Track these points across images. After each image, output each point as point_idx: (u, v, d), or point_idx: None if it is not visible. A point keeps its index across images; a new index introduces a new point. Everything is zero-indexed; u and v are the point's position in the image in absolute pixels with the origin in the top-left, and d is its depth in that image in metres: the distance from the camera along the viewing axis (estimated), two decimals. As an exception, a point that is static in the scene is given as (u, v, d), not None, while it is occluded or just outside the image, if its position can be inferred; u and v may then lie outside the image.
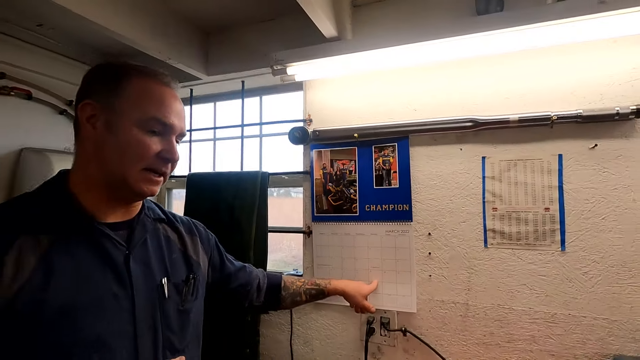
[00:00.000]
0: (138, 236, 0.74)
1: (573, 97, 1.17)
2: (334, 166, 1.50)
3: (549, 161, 1.21)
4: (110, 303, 0.65)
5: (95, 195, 0.69)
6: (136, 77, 0.70)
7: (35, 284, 0.58)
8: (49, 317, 0.58)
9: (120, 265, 0.68)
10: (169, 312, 0.74)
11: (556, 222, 1.19)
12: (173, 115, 0.71)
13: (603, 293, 1.13)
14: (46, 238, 0.62)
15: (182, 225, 0.88)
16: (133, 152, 0.67)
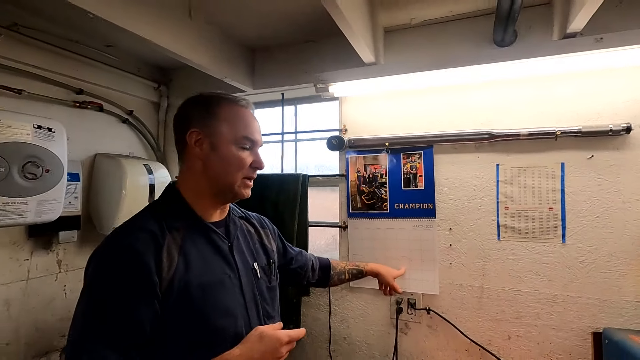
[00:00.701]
0: (233, 231, 0.94)
1: (574, 116, 1.40)
2: (367, 170, 1.74)
3: (553, 168, 1.44)
4: (227, 282, 0.85)
5: (203, 202, 0.88)
6: (224, 104, 0.88)
7: (181, 270, 0.78)
8: (194, 292, 0.78)
9: (227, 254, 0.88)
10: (262, 289, 0.95)
11: (558, 220, 1.43)
12: (256, 132, 0.91)
13: (596, 278, 1.37)
14: (179, 235, 0.82)
15: (255, 220, 1.08)
16: (234, 166, 0.86)
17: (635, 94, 1.34)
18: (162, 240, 0.78)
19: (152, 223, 0.80)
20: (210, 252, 0.86)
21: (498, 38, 1.45)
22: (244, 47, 1.91)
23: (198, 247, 0.84)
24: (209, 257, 0.85)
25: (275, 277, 1.03)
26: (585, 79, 1.39)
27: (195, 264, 0.81)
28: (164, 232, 0.79)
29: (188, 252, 0.81)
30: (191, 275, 0.79)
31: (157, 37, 1.35)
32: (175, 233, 0.81)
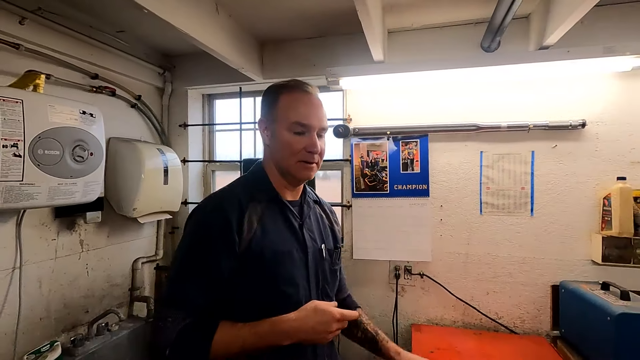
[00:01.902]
0: (305, 212, 1.00)
1: (543, 112, 1.72)
2: (369, 156, 1.96)
3: (525, 155, 1.76)
4: (296, 255, 0.92)
5: (277, 181, 0.97)
6: (284, 92, 0.94)
7: (259, 236, 0.87)
8: (267, 257, 0.87)
9: (297, 230, 0.95)
10: (325, 269, 0.99)
11: (528, 197, 1.76)
12: (309, 117, 0.91)
13: (556, 243, 1.72)
14: (260, 206, 0.91)
15: (327, 207, 1.13)
16: (287, 150, 0.91)
17: (590, 96, 1.67)
18: (245, 207, 0.88)
19: (240, 192, 0.92)
20: (284, 226, 0.94)
21: (485, 45, 1.72)
22: (255, 39, 2.03)
23: (275, 219, 0.93)
24: (283, 230, 0.93)
25: (338, 261, 1.08)
26: (553, 83, 1.71)
27: (270, 233, 0.90)
28: (247, 201, 0.90)
29: (266, 222, 0.90)
30: (266, 242, 0.88)
31: (191, 30, 1.45)
32: (257, 204, 0.91)
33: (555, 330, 1.68)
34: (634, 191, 1.56)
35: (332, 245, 1.05)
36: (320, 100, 0.96)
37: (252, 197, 0.92)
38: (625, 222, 1.56)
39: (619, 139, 1.65)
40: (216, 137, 2.52)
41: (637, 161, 1.63)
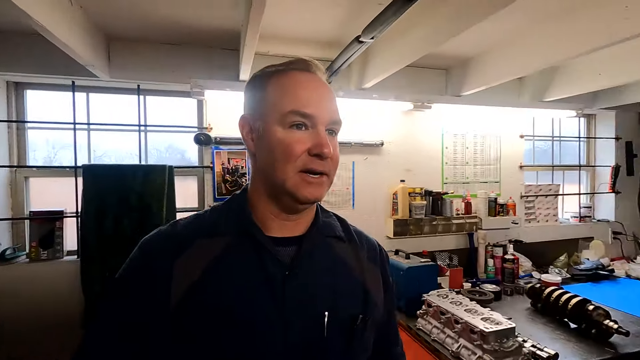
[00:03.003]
0: (300, 255, 0.64)
1: (360, 133, 2.38)
2: (230, 163, 2.14)
3: (349, 164, 2.38)
4: (261, 326, 0.59)
5: (263, 208, 0.66)
6: (275, 75, 0.65)
7: (201, 287, 0.58)
8: (203, 324, 0.57)
9: (278, 286, 0.61)
10: (328, 354, 0.63)
11: (350, 195, 2.39)
12: (313, 103, 0.61)
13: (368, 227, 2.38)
14: (219, 243, 0.62)
15: (364, 246, 0.76)
16: (280, 154, 0.60)
17: (387, 124, 2.44)
18: (185, 246, 0.61)
19: (191, 223, 0.66)
20: (253, 278, 0.61)
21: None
22: (104, 34, 1.83)
23: (239, 264, 0.61)
24: (250, 284, 0.60)
25: (364, 344, 0.68)
26: (367, 113, 2.39)
27: (222, 285, 0.59)
28: (194, 236, 0.63)
29: (220, 267, 0.61)
30: (210, 298, 0.58)
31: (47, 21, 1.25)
32: (214, 240, 0.63)
33: (368, 288, 2.39)
34: (409, 189, 2.42)
35: (350, 313, 0.66)
36: (325, 81, 0.68)
37: (212, 230, 0.64)
38: (404, 209, 2.40)
39: (401, 154, 2.50)
40: (28, 135, 2.05)
41: (409, 169, 2.51)
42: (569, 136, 3.18)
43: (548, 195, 2.93)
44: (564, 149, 3.18)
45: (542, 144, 3.10)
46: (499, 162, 2.76)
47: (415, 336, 1.74)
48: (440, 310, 1.67)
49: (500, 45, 2.05)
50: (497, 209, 2.60)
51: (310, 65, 0.66)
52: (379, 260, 0.77)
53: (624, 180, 3.11)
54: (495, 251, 2.48)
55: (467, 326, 1.49)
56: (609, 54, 2.06)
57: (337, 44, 2.01)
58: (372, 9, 1.56)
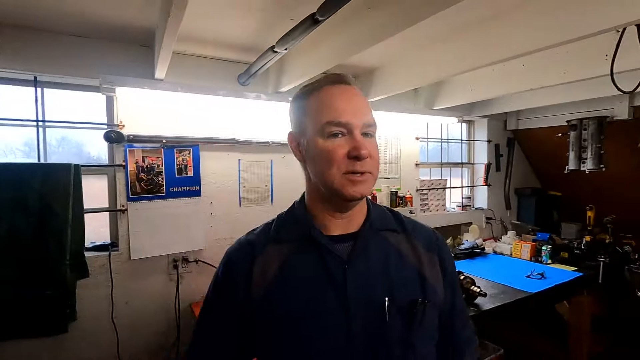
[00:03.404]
0: (356, 249, 0.72)
1: (278, 133, 2.53)
2: (145, 161, 2.10)
3: (267, 162, 2.51)
4: (324, 317, 0.67)
5: (319, 211, 0.74)
6: (313, 92, 0.72)
7: (274, 289, 0.69)
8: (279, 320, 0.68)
9: (339, 279, 0.68)
10: (391, 340, 0.68)
11: (269, 191, 2.53)
12: (347, 113, 0.68)
13: (285, 221, 2.59)
14: (285, 248, 0.72)
15: (421, 238, 0.80)
16: (325, 161, 0.68)
17: (301, 126, 2.63)
18: (257, 253, 0.73)
19: (260, 232, 0.79)
20: (316, 276, 0.70)
21: (241, 80, 2.31)
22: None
23: (305, 265, 0.71)
24: (312, 280, 0.70)
25: (421, 329, 0.72)
26: (283, 115, 2.54)
27: (292, 285, 0.70)
28: (264, 244, 0.74)
29: (289, 269, 0.71)
30: (282, 298, 0.69)
31: None
32: (281, 246, 0.73)
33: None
34: (323, 185, 2.65)
35: (409, 299, 0.71)
36: (359, 90, 0.75)
37: (278, 237, 0.75)
38: (319, 203, 2.63)
39: (315, 153, 2.71)
40: None
41: (323, 167, 2.75)
42: (454, 139, 3.79)
43: (438, 188, 3.47)
44: (450, 149, 3.77)
45: (433, 145, 3.63)
46: (400, 160, 3.18)
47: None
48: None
49: (399, 60, 2.38)
50: (397, 201, 3.00)
51: (341, 77, 0.73)
52: (436, 247, 0.80)
53: (494, 175, 3.83)
54: (396, 238, 2.86)
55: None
56: (479, 74, 2.56)
57: (254, 49, 2.12)
58: (285, 22, 1.72)
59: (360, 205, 0.77)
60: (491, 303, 2.03)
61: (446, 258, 0.80)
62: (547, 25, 1.52)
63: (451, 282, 0.80)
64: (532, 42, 1.58)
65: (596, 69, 1.84)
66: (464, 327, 0.83)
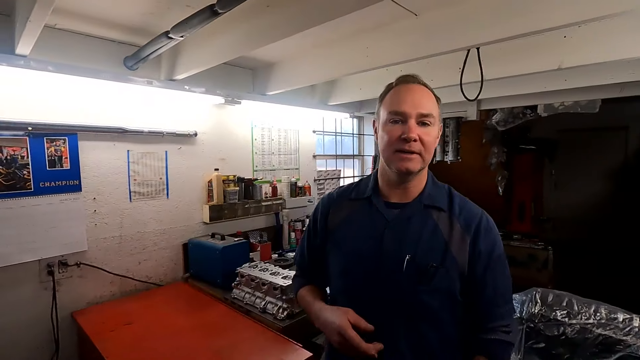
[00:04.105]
0: (401, 215, 0.97)
1: (173, 123, 2.39)
2: (3, 152, 1.77)
3: (161, 154, 2.37)
4: (366, 254, 0.97)
5: (382, 180, 1.04)
6: (389, 90, 1.00)
7: (339, 229, 1.06)
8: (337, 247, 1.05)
9: (379, 234, 0.96)
10: (402, 288, 0.91)
11: (164, 184, 2.39)
12: (405, 105, 0.92)
13: (184, 214, 2.49)
14: (351, 204, 1.07)
15: (462, 220, 0.95)
16: (384, 141, 0.95)
17: (200, 116, 2.54)
18: (332, 205, 1.11)
19: (341, 191, 1.14)
20: (366, 226, 1.01)
21: (129, 64, 2.12)
22: None
23: (361, 217, 1.03)
24: (364, 230, 1.01)
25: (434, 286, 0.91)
26: (181, 104, 2.42)
27: (350, 228, 1.04)
28: (338, 201, 1.11)
29: (350, 219, 1.05)
30: (342, 236, 1.05)
31: None
32: (348, 202, 1.08)
33: (187, 273, 2.47)
34: (223, 177, 2.62)
35: (428, 263, 0.90)
36: (424, 87, 0.96)
37: (350, 196, 1.10)
38: (219, 196, 2.59)
39: (214, 144, 2.66)
40: None
41: (223, 158, 2.72)
42: (347, 132, 4.14)
43: (333, 178, 3.76)
44: (343, 142, 4.11)
45: (329, 137, 3.90)
46: (298, 152, 3.34)
47: (231, 305, 2.00)
48: (251, 277, 1.98)
49: (297, 58, 2.50)
50: (297, 191, 3.16)
51: (409, 78, 0.98)
52: (474, 228, 0.95)
53: (380, 166, 4.32)
54: (296, 225, 3.03)
55: (271, 285, 1.86)
56: (366, 76, 2.86)
57: (145, 32, 1.96)
58: (180, 7, 1.66)
59: (418, 181, 1.00)
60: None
61: (482, 240, 0.94)
62: (417, 40, 1.81)
63: (486, 260, 0.93)
64: (405, 52, 1.87)
65: (452, 79, 2.26)
66: (497, 304, 0.94)
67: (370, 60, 2.02)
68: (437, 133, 0.97)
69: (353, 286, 0.99)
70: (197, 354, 1.54)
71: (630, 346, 1.40)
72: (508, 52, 2.15)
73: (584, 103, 3.14)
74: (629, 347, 1.40)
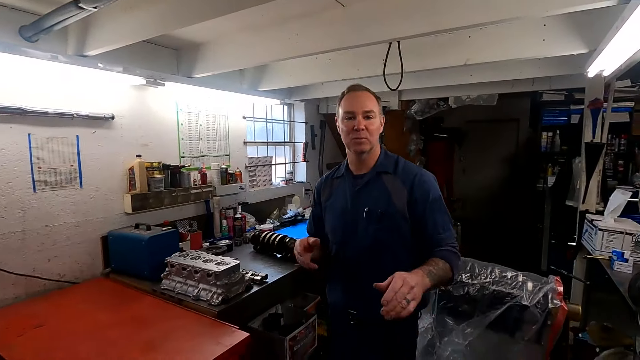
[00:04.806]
0: (361, 182, 1.41)
1: (85, 104, 2.16)
2: None
3: (72, 138, 2.13)
4: (343, 211, 1.45)
5: (350, 161, 1.48)
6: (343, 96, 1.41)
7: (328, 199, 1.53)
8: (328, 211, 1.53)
9: (350, 196, 1.43)
10: (366, 230, 1.37)
11: (77, 172, 2.16)
12: (353, 105, 1.35)
13: (102, 205, 2.28)
14: (335, 181, 1.53)
15: (402, 177, 1.36)
16: (344, 132, 1.39)
17: (117, 97, 2.32)
18: (323, 182, 1.60)
19: (331, 172, 1.59)
20: (344, 194, 1.46)
21: (27, 35, 1.85)
22: None
23: (341, 187, 1.49)
24: (342, 196, 1.47)
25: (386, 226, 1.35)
26: (94, 83, 2.18)
27: (335, 196, 1.51)
28: (326, 179, 1.59)
29: (334, 190, 1.52)
30: (330, 203, 1.52)
31: None
32: (334, 180, 1.54)
33: (107, 268, 2.29)
34: (146, 163, 2.46)
35: (378, 210, 1.34)
36: (366, 92, 1.39)
37: (334, 175, 1.55)
38: (143, 184, 2.43)
39: (135, 129, 2.47)
40: None
41: (146, 144, 2.54)
42: (277, 119, 4.15)
43: (265, 165, 3.75)
44: (274, 129, 4.11)
45: (260, 124, 3.87)
46: (228, 138, 3.26)
47: (161, 296, 1.92)
48: (182, 266, 1.92)
49: (226, 40, 2.41)
50: (227, 178, 3.10)
51: (356, 87, 1.41)
52: (409, 182, 1.35)
53: (310, 153, 4.42)
54: (228, 213, 2.98)
55: (204, 272, 1.83)
56: (296, 63, 2.89)
57: (46, -2, 1.73)
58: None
59: (371, 157, 1.41)
60: (310, 257, 2.45)
61: (416, 189, 1.33)
62: (344, 30, 1.90)
63: (423, 203, 1.32)
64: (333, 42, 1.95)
65: (378, 70, 2.42)
66: (439, 232, 1.30)
67: (299, 47, 2.06)
68: (379, 122, 1.39)
69: (336, 234, 1.47)
70: (124, 348, 1.46)
71: (515, 297, 1.72)
72: (425, 47, 2.37)
73: (485, 97, 3.60)
74: (514, 298, 1.72)
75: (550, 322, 1.68)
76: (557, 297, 1.72)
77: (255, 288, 1.98)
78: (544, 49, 2.05)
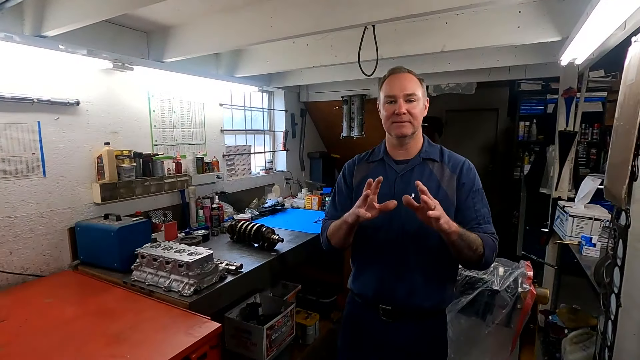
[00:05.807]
0: (406, 167, 1.37)
1: (47, 89, 2.04)
2: None
3: (32, 125, 2.01)
4: (384, 198, 1.22)
5: (389, 145, 1.44)
6: (385, 79, 1.38)
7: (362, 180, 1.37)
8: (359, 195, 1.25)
9: (392, 183, 1.36)
10: (409, 215, 1.21)
11: (39, 161, 2.05)
12: (394, 88, 1.32)
13: (68, 195, 2.19)
14: (370, 165, 1.47)
15: (450, 166, 1.36)
16: (384, 116, 1.37)
17: (83, 82, 2.21)
18: (354, 167, 1.51)
19: (362, 156, 1.53)
20: (385, 176, 1.33)
21: (-23, 12, 1.71)
22: None
23: (378, 172, 1.37)
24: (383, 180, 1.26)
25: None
26: (56, 67, 2.05)
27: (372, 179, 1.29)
28: (358, 163, 1.51)
29: (371, 174, 1.35)
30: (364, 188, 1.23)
31: None
32: (367, 164, 1.48)
33: (75, 260, 2.20)
34: (116, 152, 2.36)
35: None
36: (408, 74, 1.35)
37: (368, 159, 1.49)
38: (112, 173, 2.33)
39: (103, 116, 2.36)
40: None
41: (115, 131, 2.43)
42: (256, 107, 4.06)
43: (243, 154, 3.68)
44: (253, 117, 4.03)
45: (238, 112, 3.78)
46: (204, 126, 3.17)
47: (131, 288, 1.86)
48: (152, 257, 1.86)
49: (196, 22, 2.32)
50: (204, 167, 3.02)
51: (398, 69, 1.36)
52: (458, 170, 1.35)
53: (291, 141, 4.37)
54: (204, 202, 2.91)
55: (176, 263, 1.78)
56: (274, 48, 2.81)
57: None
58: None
59: (414, 142, 1.39)
60: (288, 246, 2.43)
61: (464, 176, 1.34)
62: (321, 11, 1.85)
63: (468, 190, 1.33)
64: (309, 24, 1.90)
65: (355, 57, 2.38)
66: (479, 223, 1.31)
67: (274, 30, 2.00)
68: (422, 105, 1.36)
69: (376, 220, 1.28)
70: (90, 341, 1.41)
71: (487, 282, 1.75)
72: (402, 34, 2.34)
73: (464, 85, 3.62)
74: (485, 283, 1.75)
75: (520, 305, 1.72)
76: (526, 281, 1.76)
77: (229, 278, 1.94)
78: (519, 36, 2.05)
